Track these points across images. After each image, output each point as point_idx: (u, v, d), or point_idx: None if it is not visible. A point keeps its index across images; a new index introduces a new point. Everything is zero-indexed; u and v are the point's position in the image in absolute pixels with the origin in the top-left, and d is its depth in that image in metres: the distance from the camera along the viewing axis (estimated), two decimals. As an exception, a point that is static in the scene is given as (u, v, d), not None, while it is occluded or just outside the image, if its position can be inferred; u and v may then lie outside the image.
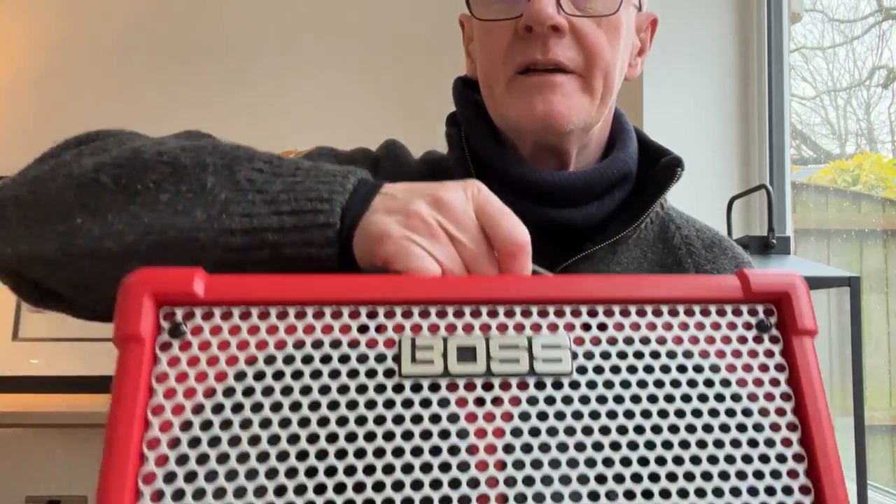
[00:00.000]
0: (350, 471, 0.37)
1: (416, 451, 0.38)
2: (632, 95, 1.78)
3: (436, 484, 0.38)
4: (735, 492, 0.39)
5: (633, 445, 0.40)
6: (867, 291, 1.55)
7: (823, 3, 1.83)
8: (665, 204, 0.82)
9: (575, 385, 0.41)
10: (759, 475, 0.40)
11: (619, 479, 0.39)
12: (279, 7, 2.30)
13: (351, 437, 0.38)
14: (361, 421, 0.38)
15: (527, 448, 0.39)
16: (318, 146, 0.83)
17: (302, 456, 0.38)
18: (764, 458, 0.40)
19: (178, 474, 0.36)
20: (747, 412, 0.41)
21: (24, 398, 1.96)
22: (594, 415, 0.40)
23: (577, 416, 0.40)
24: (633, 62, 0.80)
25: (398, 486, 0.37)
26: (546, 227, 0.74)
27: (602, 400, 0.40)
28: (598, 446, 0.39)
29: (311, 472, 0.37)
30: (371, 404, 0.39)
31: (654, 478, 0.39)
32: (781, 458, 0.41)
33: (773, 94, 1.72)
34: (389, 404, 0.39)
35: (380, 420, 0.38)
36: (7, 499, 2.04)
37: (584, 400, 0.40)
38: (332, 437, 0.38)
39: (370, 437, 0.38)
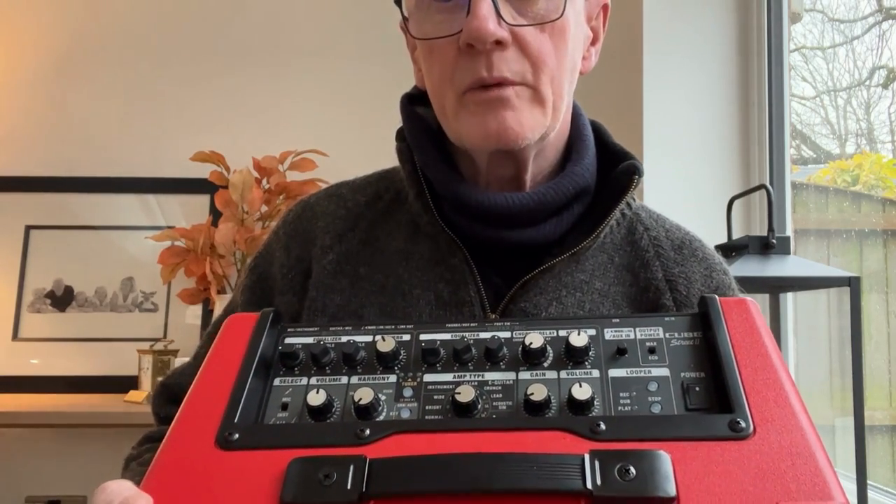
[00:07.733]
0: None
1: None
2: (632, 96, 1.78)
3: None
4: None
5: None
6: (867, 291, 1.55)
7: (823, 3, 1.83)
8: (633, 204, 0.79)
9: None
10: None
11: None
12: (281, 6, 2.30)
13: None
14: None
15: None
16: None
17: None
18: None
19: None
20: None
21: (24, 398, 1.96)
22: None
23: None
24: (586, 54, 0.78)
25: None
26: (504, 246, 0.74)
27: None
28: None
29: None
30: None
31: None
32: None
33: (773, 94, 1.72)
34: None
35: None
36: (7, 499, 2.04)
37: None
38: None
39: None
